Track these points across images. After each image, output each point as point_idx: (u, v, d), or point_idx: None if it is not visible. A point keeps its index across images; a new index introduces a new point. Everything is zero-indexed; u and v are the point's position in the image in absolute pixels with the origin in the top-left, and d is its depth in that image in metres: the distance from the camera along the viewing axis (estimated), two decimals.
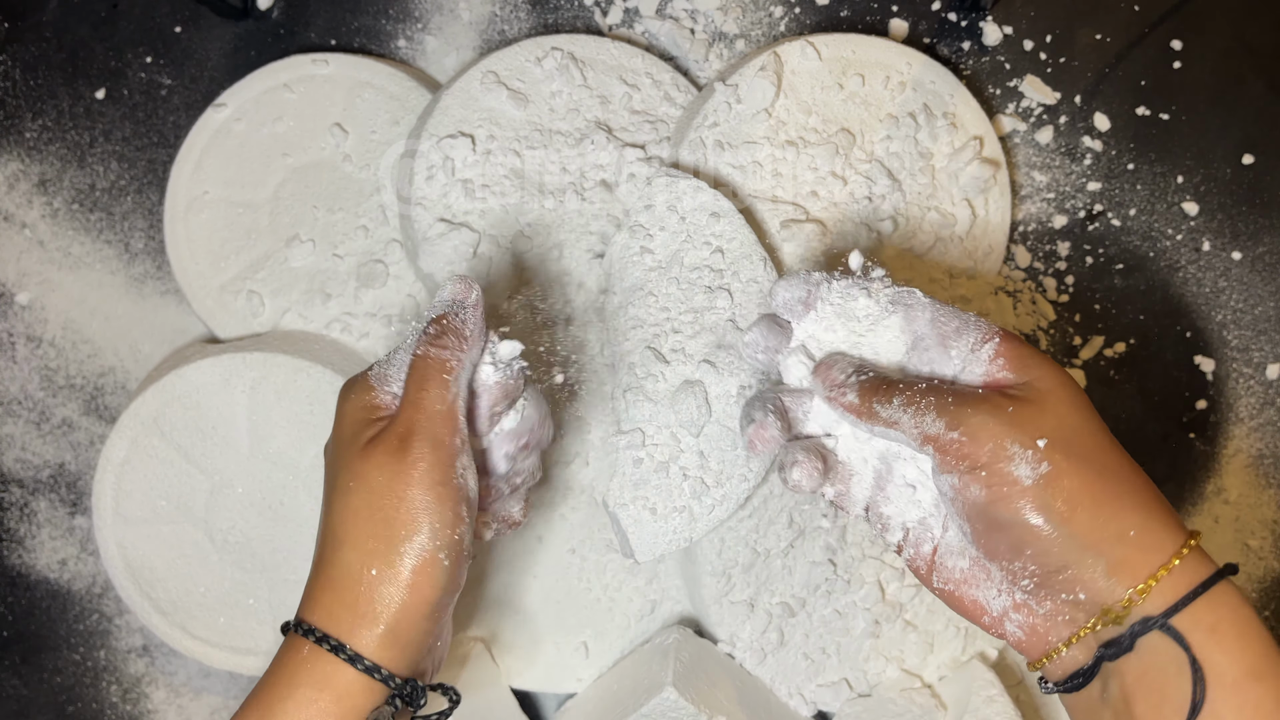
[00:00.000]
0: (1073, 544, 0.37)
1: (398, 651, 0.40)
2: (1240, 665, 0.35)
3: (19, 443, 0.64)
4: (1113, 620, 0.37)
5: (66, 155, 0.65)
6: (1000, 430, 0.38)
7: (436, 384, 0.42)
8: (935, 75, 0.60)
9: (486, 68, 0.59)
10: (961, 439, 0.38)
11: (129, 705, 0.63)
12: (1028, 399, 0.38)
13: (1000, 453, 0.38)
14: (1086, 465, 0.37)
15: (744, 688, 0.56)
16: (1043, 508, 0.37)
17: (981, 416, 0.38)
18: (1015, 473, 0.37)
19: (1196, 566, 0.36)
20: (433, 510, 0.40)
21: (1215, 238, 0.65)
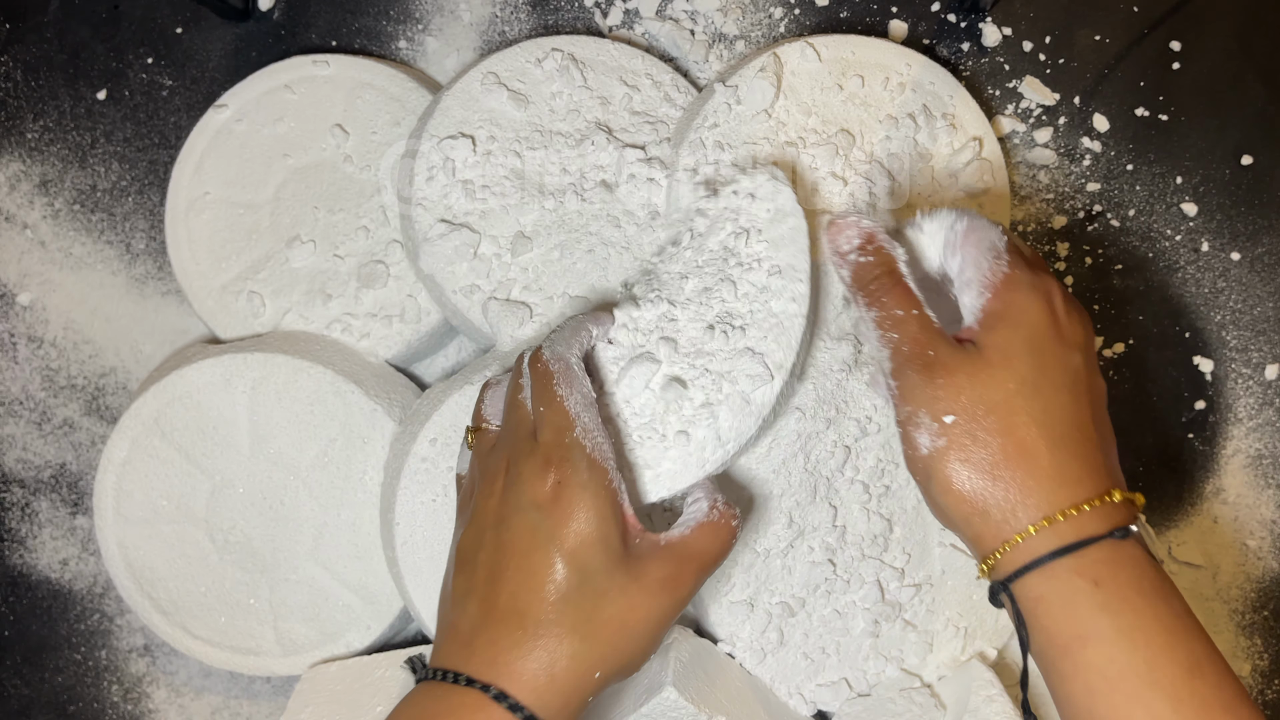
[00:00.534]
0: (951, 513, 0.41)
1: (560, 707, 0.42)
2: (1066, 630, 0.39)
3: (20, 443, 0.64)
4: (984, 575, 0.41)
5: (68, 156, 0.65)
6: (921, 398, 0.41)
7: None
8: (935, 76, 0.61)
9: (487, 69, 0.59)
10: (894, 390, 0.42)
11: (130, 705, 0.63)
12: (965, 366, 0.41)
13: (913, 417, 0.41)
14: (981, 446, 0.40)
15: (744, 688, 0.56)
16: (927, 478, 0.41)
17: (914, 379, 0.41)
18: (918, 439, 0.41)
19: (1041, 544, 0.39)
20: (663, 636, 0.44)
21: (1214, 238, 0.65)
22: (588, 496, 0.42)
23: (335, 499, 0.58)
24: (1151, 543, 0.41)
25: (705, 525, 0.45)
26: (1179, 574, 0.63)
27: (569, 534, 0.41)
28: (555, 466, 0.42)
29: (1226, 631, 0.63)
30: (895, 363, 0.42)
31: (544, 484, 0.42)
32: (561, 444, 0.43)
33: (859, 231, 0.45)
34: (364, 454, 0.59)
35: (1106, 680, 0.37)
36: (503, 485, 0.44)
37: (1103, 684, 0.37)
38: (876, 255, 0.44)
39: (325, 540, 0.58)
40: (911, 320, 0.42)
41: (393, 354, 0.61)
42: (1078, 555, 0.39)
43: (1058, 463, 0.40)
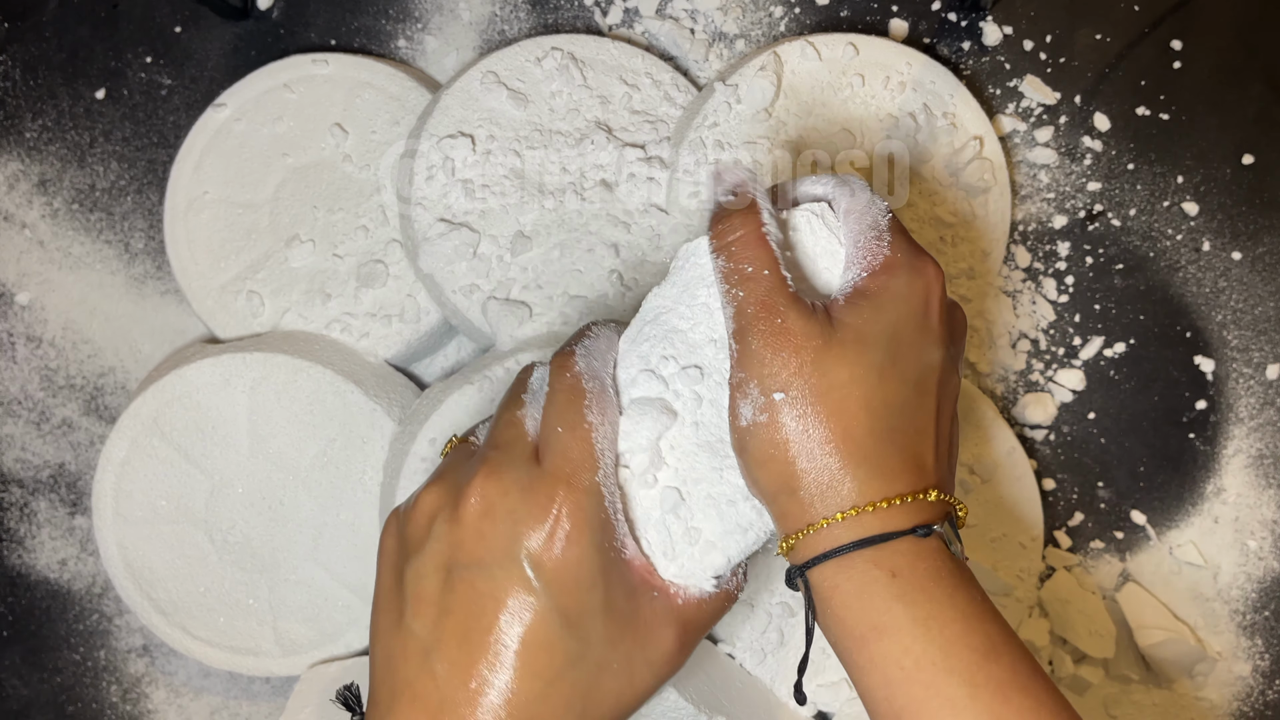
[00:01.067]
0: (762, 487, 0.38)
1: None
2: (863, 621, 0.37)
3: (19, 443, 0.64)
4: (786, 555, 0.39)
5: (66, 155, 0.65)
6: (756, 368, 0.37)
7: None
8: (935, 75, 0.60)
9: (486, 68, 0.59)
10: (735, 353, 0.39)
11: (129, 705, 0.63)
12: (813, 341, 0.37)
13: (743, 385, 0.38)
14: (804, 428, 0.37)
15: (744, 688, 0.56)
16: (742, 448, 0.38)
17: (755, 345, 0.38)
18: (741, 409, 0.38)
19: (843, 534, 0.37)
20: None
21: (1215, 238, 0.65)
22: (599, 558, 0.36)
23: (335, 499, 0.58)
24: (955, 546, 0.39)
25: (724, 592, 0.41)
26: (1180, 574, 0.63)
27: (570, 598, 0.35)
28: (566, 510, 0.36)
29: (1227, 632, 0.63)
30: (738, 324, 0.38)
31: (543, 529, 0.35)
32: (576, 484, 0.36)
33: (734, 174, 0.41)
34: (363, 454, 0.58)
35: (903, 670, 0.36)
36: (480, 513, 0.36)
37: (899, 674, 0.36)
38: (740, 199, 0.41)
39: (325, 540, 0.58)
40: (762, 280, 0.38)
41: (392, 354, 0.61)
42: (878, 548, 0.37)
43: (880, 455, 0.37)
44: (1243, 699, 0.63)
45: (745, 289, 0.38)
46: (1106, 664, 0.62)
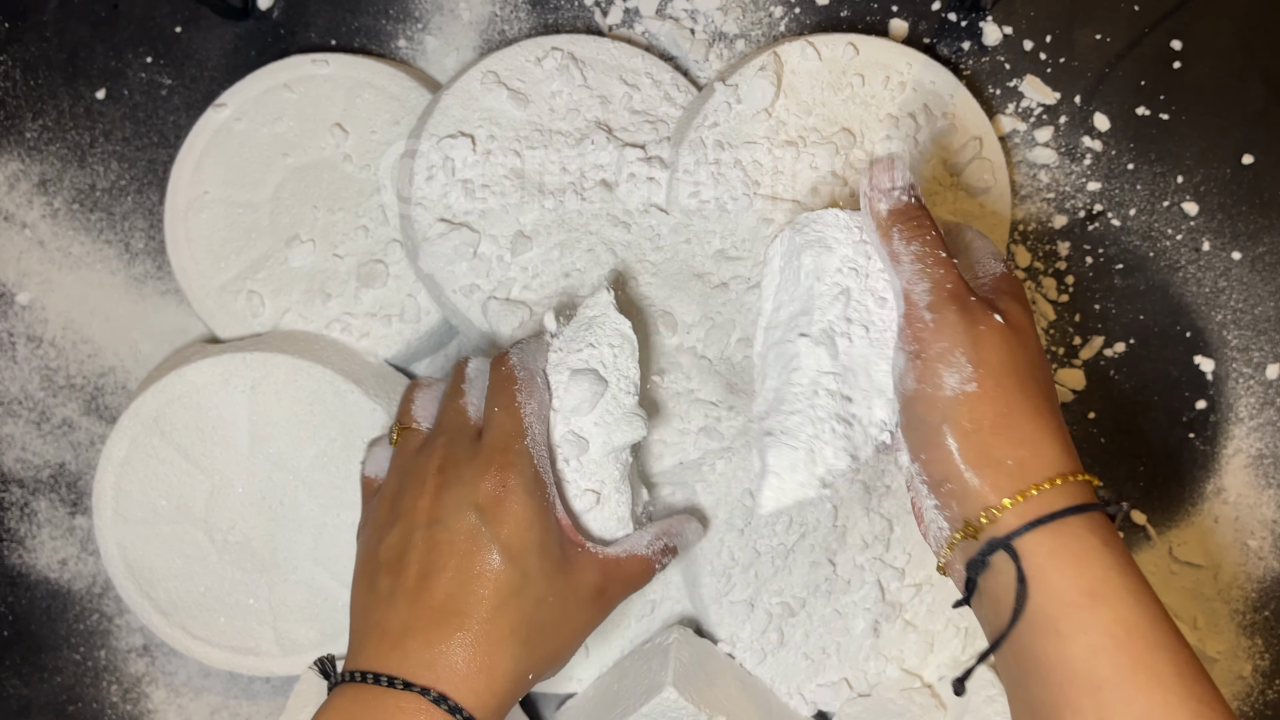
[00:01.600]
0: (959, 460, 0.40)
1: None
2: (1078, 586, 0.37)
3: (19, 443, 0.64)
4: (970, 535, 0.40)
5: (67, 155, 0.65)
6: (960, 337, 0.40)
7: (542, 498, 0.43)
8: (935, 75, 0.60)
9: (486, 68, 0.59)
10: (930, 324, 0.41)
11: (129, 705, 0.63)
12: (998, 326, 0.41)
13: (946, 355, 0.40)
14: (1006, 397, 0.40)
15: (744, 688, 0.56)
16: (951, 419, 0.40)
17: (957, 316, 0.41)
18: (945, 379, 0.40)
19: (1056, 500, 0.39)
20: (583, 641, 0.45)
21: (1215, 238, 0.65)
22: (533, 503, 0.42)
23: (335, 499, 0.58)
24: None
25: (638, 557, 0.46)
26: (1180, 574, 0.63)
27: (512, 537, 0.41)
28: (499, 470, 0.42)
29: (1228, 631, 0.63)
30: (936, 296, 0.41)
31: (487, 486, 0.42)
32: (510, 449, 0.43)
33: (903, 176, 0.45)
34: (363, 454, 0.58)
35: (1114, 639, 0.36)
36: (436, 485, 0.43)
37: (1110, 643, 0.36)
38: (917, 201, 0.44)
39: (325, 540, 0.58)
40: (951, 267, 0.42)
41: (392, 353, 0.61)
42: (1088, 516, 0.39)
43: (1062, 431, 0.41)
44: (1243, 699, 0.63)
45: (941, 269, 0.42)
46: None
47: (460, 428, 0.45)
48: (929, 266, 0.42)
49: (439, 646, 0.40)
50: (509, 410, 0.44)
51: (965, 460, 0.40)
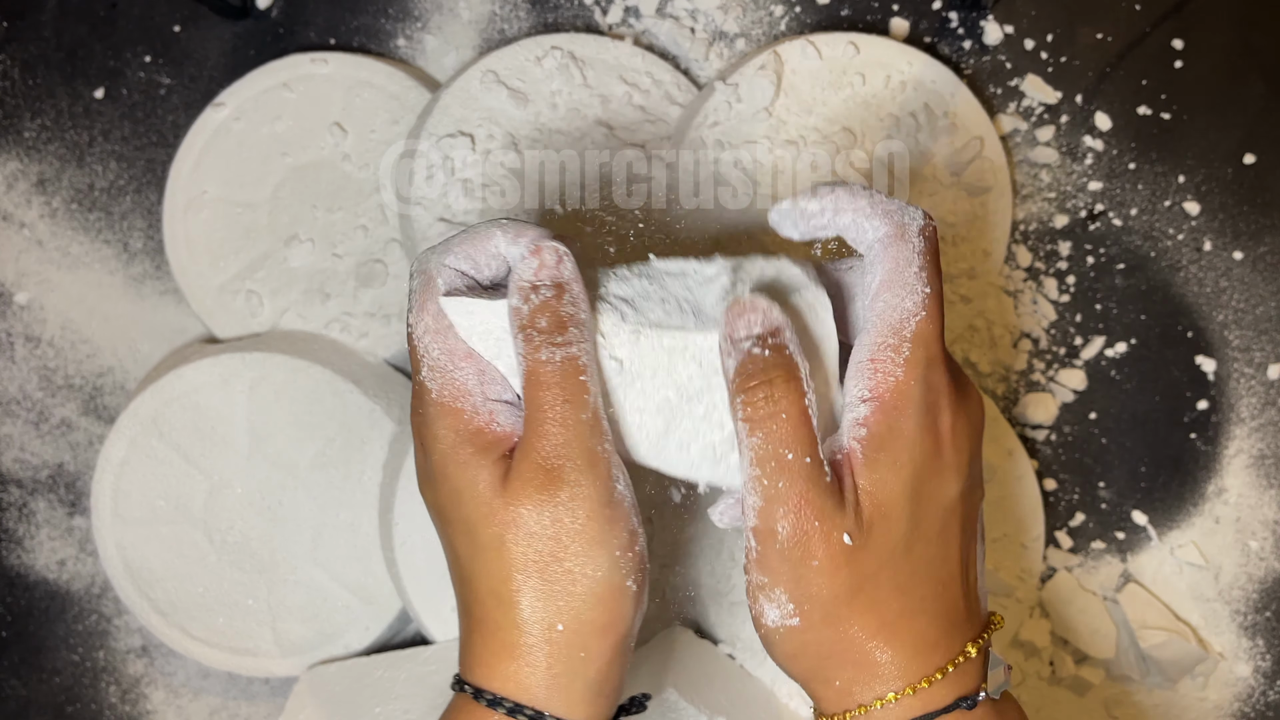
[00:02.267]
0: (791, 674, 0.38)
1: (603, 701, 0.37)
2: None
3: (17, 443, 0.64)
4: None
5: (65, 155, 0.65)
6: (784, 577, 0.35)
7: (575, 389, 0.35)
8: (936, 74, 0.60)
9: (486, 67, 0.59)
10: (754, 551, 0.35)
11: (128, 706, 0.63)
12: (845, 541, 0.34)
13: (767, 589, 0.35)
14: (837, 626, 0.35)
15: (744, 688, 0.56)
16: (769, 644, 0.37)
17: (787, 548, 0.34)
18: (766, 610, 0.36)
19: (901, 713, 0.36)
20: (608, 539, 0.35)
21: (1217, 237, 0.65)
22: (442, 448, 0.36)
23: (334, 499, 0.58)
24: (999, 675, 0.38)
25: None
26: (1181, 574, 0.63)
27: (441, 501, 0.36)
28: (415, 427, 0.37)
29: (1228, 632, 0.63)
30: (763, 522, 0.34)
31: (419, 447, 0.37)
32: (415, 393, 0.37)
33: (763, 319, 0.35)
34: (363, 454, 0.58)
35: None
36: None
37: None
38: (774, 352, 0.34)
39: (324, 541, 0.58)
40: (801, 469, 0.34)
41: (392, 353, 0.61)
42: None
43: (914, 632, 0.36)
44: (1244, 700, 0.62)
45: (782, 480, 0.34)
46: (1108, 665, 0.62)
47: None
48: (766, 474, 0.34)
49: (463, 645, 0.39)
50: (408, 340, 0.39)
51: (796, 677, 0.38)
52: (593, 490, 0.35)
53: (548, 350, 0.35)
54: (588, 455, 0.35)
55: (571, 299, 0.35)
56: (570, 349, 0.35)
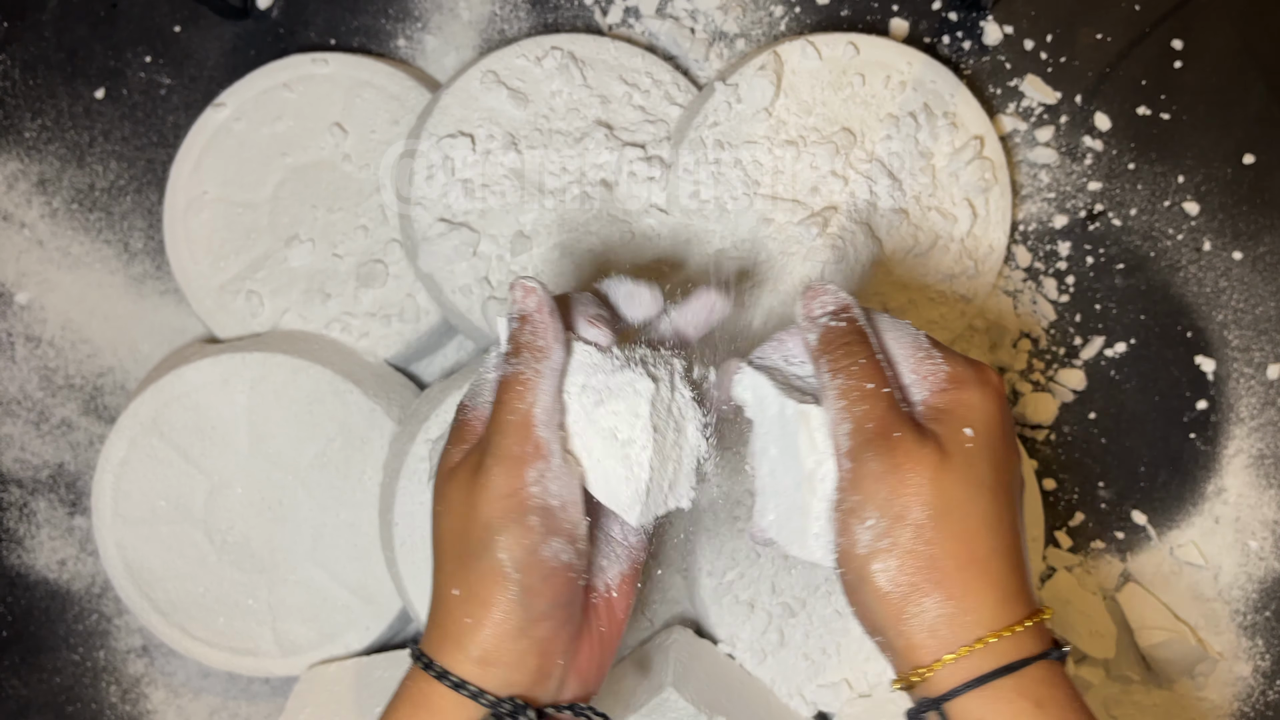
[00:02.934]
0: (881, 620, 0.38)
1: (492, 671, 0.39)
2: None
3: (18, 443, 0.64)
4: (905, 689, 0.38)
5: (66, 155, 0.65)
6: (874, 490, 0.37)
7: (511, 397, 0.40)
8: (936, 75, 0.60)
9: (486, 67, 0.59)
10: (848, 474, 0.38)
11: (128, 705, 0.63)
12: (930, 457, 0.37)
13: (859, 509, 0.37)
14: (928, 550, 0.37)
15: (744, 688, 0.56)
16: (859, 578, 0.38)
17: (874, 467, 0.37)
18: (857, 534, 0.37)
19: (986, 661, 0.37)
20: (499, 525, 0.38)
21: (1216, 237, 0.65)
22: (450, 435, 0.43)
23: (334, 499, 0.58)
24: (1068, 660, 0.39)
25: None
26: (1180, 574, 0.63)
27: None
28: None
29: (1228, 632, 0.63)
30: (855, 440, 0.38)
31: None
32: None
33: (834, 299, 0.41)
34: (363, 454, 0.58)
35: None
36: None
37: None
38: (849, 323, 0.40)
39: (324, 540, 0.58)
40: (880, 397, 0.38)
41: (392, 353, 0.61)
42: (1019, 675, 0.36)
43: (1002, 575, 0.37)
44: (1243, 699, 0.63)
45: (866, 404, 0.38)
46: (1107, 664, 0.62)
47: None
48: (852, 403, 0.38)
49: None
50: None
51: (887, 620, 0.38)
52: (500, 479, 0.39)
53: (503, 367, 0.40)
54: (503, 450, 0.39)
55: (530, 328, 0.40)
56: (517, 366, 0.40)
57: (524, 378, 0.40)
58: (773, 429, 0.42)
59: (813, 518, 0.39)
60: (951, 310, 0.61)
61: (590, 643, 0.41)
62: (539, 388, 0.40)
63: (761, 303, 0.57)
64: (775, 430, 0.41)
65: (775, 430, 0.41)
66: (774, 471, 0.42)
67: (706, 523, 0.57)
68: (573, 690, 0.41)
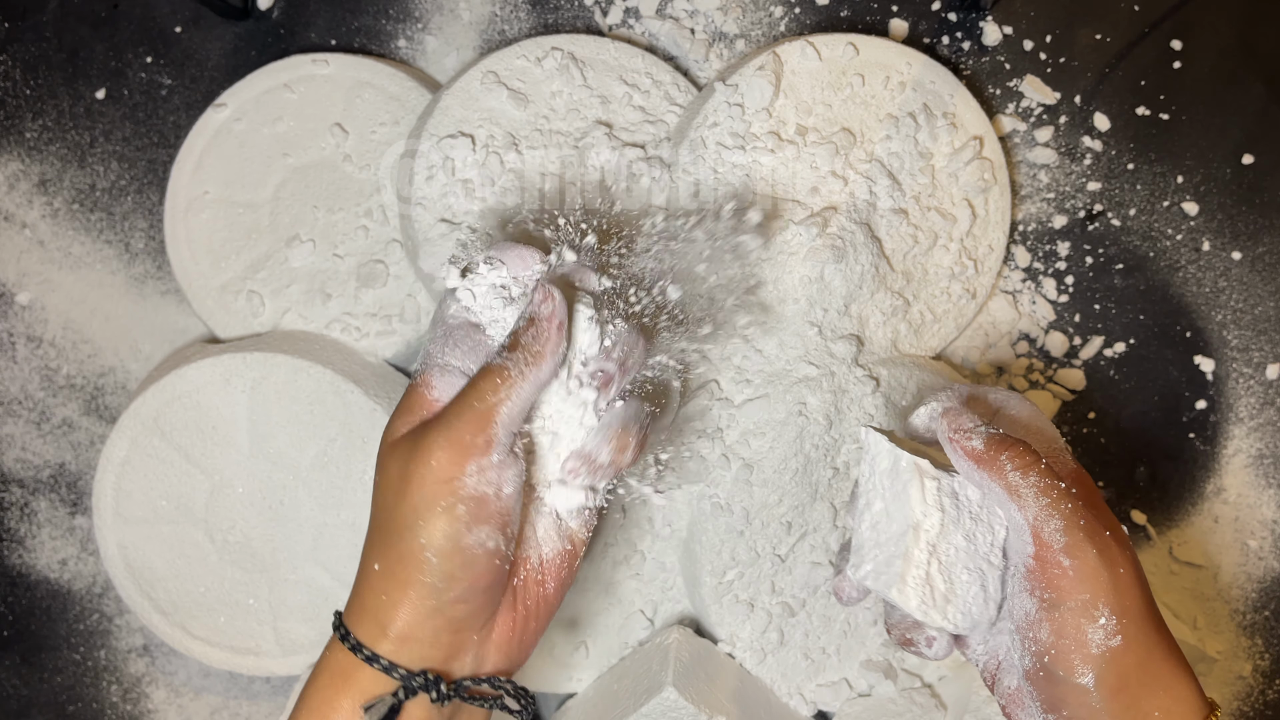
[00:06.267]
0: (1106, 717, 0.38)
1: (407, 647, 0.40)
2: None
3: (19, 443, 0.64)
4: None
5: (67, 155, 0.65)
6: (1102, 585, 0.38)
7: (486, 386, 0.40)
8: (935, 75, 0.60)
9: (487, 68, 0.59)
10: (1068, 571, 0.38)
11: (129, 705, 0.63)
12: (1131, 560, 0.39)
13: (1088, 607, 0.38)
14: (1144, 646, 0.38)
15: (744, 688, 0.56)
16: (1098, 678, 0.38)
17: (1097, 561, 0.38)
18: (1089, 635, 0.38)
19: None
20: (426, 509, 0.39)
21: (1215, 237, 0.65)
22: (401, 405, 0.44)
23: (335, 499, 0.58)
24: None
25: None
26: (1180, 574, 0.63)
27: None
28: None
29: (1227, 631, 0.63)
30: (1071, 537, 0.38)
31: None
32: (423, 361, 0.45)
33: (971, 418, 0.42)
34: (364, 454, 0.58)
35: None
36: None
37: None
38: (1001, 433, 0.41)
39: (325, 540, 0.58)
40: (1077, 497, 0.39)
41: (392, 354, 0.61)
42: None
43: (1187, 664, 0.39)
44: (1243, 699, 0.63)
45: (1069, 504, 0.39)
46: None
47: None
48: (1056, 500, 0.39)
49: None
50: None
51: (1113, 717, 0.38)
52: (441, 462, 0.39)
53: (496, 356, 0.41)
54: (454, 434, 0.39)
55: (534, 333, 0.41)
56: (508, 364, 0.40)
57: (508, 374, 0.40)
58: (880, 483, 0.43)
59: (913, 565, 0.41)
60: (951, 310, 0.61)
61: (513, 618, 0.42)
62: (518, 389, 0.40)
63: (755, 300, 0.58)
64: (883, 485, 0.43)
65: (883, 485, 0.43)
66: (876, 525, 0.43)
67: (707, 523, 0.57)
68: (494, 663, 0.42)
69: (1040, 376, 0.64)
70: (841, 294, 0.57)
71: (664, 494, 0.57)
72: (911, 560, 0.41)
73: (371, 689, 0.40)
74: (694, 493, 0.57)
